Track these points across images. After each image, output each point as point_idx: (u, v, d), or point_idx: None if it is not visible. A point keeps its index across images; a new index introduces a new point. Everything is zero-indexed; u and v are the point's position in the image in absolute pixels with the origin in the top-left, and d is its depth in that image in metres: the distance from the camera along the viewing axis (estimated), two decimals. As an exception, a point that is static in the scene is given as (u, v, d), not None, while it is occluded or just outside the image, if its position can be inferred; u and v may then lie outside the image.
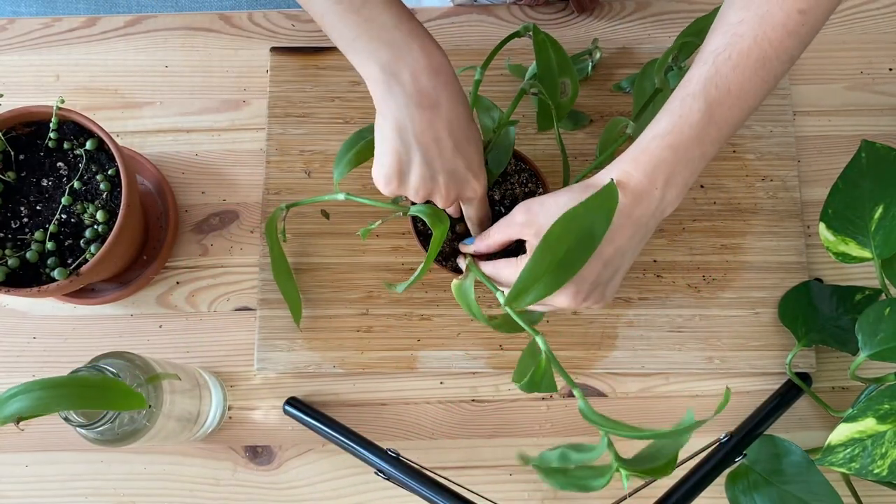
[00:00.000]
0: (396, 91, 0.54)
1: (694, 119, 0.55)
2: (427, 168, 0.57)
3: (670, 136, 0.55)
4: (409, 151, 0.56)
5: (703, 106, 0.55)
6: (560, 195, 0.58)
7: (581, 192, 0.56)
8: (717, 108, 0.55)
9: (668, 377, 0.74)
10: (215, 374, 0.74)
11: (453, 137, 0.56)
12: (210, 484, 0.73)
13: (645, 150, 0.56)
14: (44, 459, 0.73)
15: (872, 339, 0.62)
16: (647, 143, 0.56)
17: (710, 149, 0.56)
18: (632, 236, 0.57)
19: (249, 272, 0.77)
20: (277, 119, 0.79)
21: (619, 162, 0.57)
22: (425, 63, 0.54)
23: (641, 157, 0.56)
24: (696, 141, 0.55)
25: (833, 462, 0.59)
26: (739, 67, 0.54)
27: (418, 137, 0.55)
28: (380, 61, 0.54)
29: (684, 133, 0.55)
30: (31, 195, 0.69)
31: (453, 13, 0.83)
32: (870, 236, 0.67)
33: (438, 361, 0.73)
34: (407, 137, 0.55)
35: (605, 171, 0.57)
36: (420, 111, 0.54)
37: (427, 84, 0.54)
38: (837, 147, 0.79)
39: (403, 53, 0.54)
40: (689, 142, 0.55)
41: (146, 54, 0.82)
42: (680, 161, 0.55)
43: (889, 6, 0.82)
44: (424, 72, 0.54)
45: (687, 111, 0.55)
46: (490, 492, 0.70)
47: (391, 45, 0.54)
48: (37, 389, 0.50)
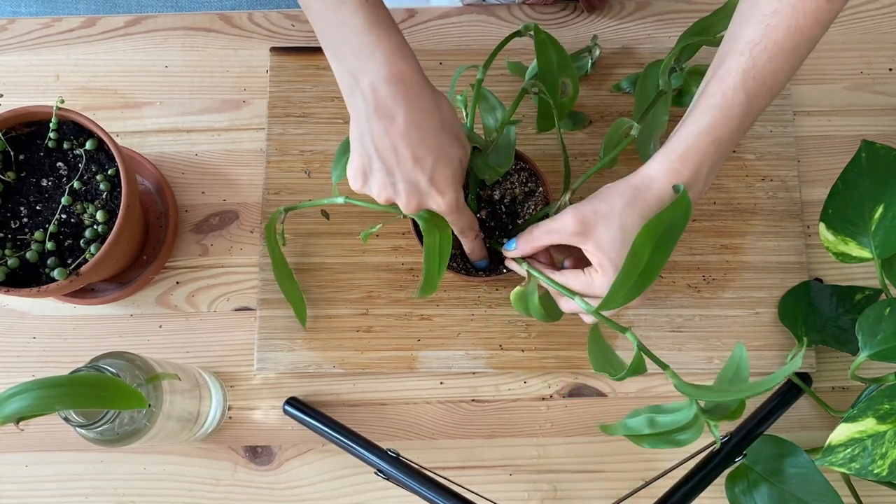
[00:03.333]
0: (357, 98, 0.55)
1: (736, 112, 0.56)
2: (387, 175, 0.57)
3: (715, 131, 0.56)
4: (369, 156, 0.56)
5: (743, 99, 0.56)
6: (612, 200, 0.58)
7: (632, 194, 0.57)
8: (754, 99, 0.56)
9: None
10: (215, 374, 0.74)
11: (411, 149, 0.55)
12: (210, 484, 0.73)
13: (692, 147, 0.57)
14: (44, 459, 0.73)
15: (872, 339, 0.62)
16: (694, 140, 0.57)
17: (740, 136, 0.58)
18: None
19: (249, 272, 0.77)
20: (277, 119, 0.79)
21: (666, 159, 0.57)
22: (386, 73, 0.53)
23: (689, 154, 0.57)
24: (736, 132, 0.57)
25: (833, 462, 0.59)
26: (775, 58, 0.55)
27: (376, 145, 0.55)
28: (346, 66, 0.55)
29: (728, 127, 0.56)
30: (31, 195, 0.69)
31: (454, 13, 0.83)
32: (870, 236, 0.67)
33: (438, 361, 0.73)
34: (367, 143, 0.56)
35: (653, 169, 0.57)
36: (378, 120, 0.54)
37: (385, 94, 0.54)
38: (837, 147, 0.79)
39: (367, 61, 0.54)
40: (731, 134, 0.57)
41: (146, 54, 0.82)
42: (721, 153, 0.57)
43: (889, 6, 0.82)
44: (384, 82, 0.53)
45: (729, 104, 0.56)
46: (490, 492, 0.70)
47: (358, 52, 0.54)
48: (36, 389, 0.50)
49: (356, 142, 0.57)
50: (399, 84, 0.54)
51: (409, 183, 0.57)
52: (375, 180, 0.57)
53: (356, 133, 0.56)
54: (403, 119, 0.54)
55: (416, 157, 0.56)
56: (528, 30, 0.66)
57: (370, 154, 0.56)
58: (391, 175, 0.57)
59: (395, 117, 0.54)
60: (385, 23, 0.55)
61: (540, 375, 0.74)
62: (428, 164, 0.56)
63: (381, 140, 0.55)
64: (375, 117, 0.54)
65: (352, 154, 0.58)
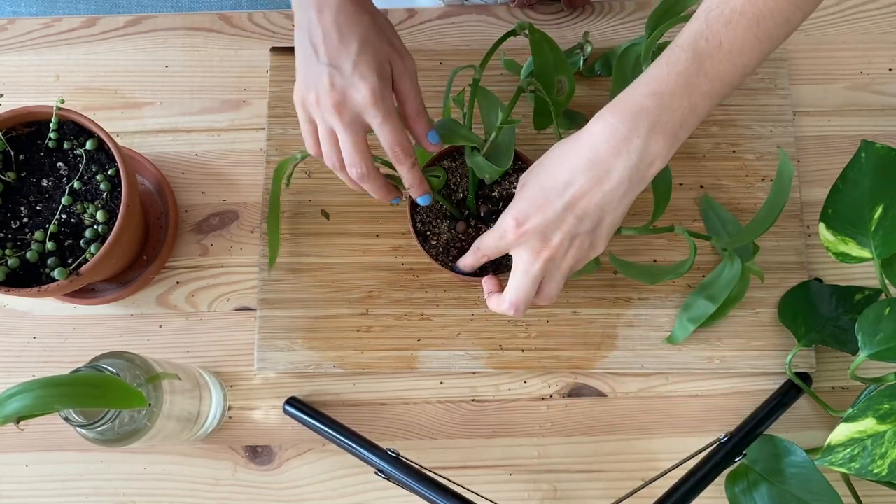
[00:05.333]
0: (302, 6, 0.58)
1: (680, 68, 0.54)
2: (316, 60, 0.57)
3: (654, 84, 0.55)
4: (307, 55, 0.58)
5: (690, 56, 0.54)
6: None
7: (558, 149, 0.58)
8: (706, 59, 0.55)
9: (668, 377, 0.74)
10: (215, 374, 0.74)
11: (339, 30, 0.57)
12: (210, 484, 0.73)
13: (625, 98, 0.55)
14: (44, 459, 0.73)
15: (872, 339, 0.62)
16: (629, 91, 0.56)
17: (700, 101, 0.55)
18: (611, 189, 0.56)
19: (249, 272, 0.77)
20: (277, 119, 0.79)
21: (601, 112, 0.56)
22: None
23: (622, 105, 0.55)
24: (683, 89, 0.55)
25: (833, 462, 0.59)
26: (732, 23, 0.54)
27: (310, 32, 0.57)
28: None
29: (670, 80, 0.55)
30: (32, 195, 0.69)
31: (453, 13, 0.83)
32: (870, 236, 0.67)
33: (438, 361, 0.73)
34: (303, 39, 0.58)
35: (590, 122, 0.57)
36: (315, 11, 0.57)
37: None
38: (837, 147, 0.79)
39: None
40: (676, 89, 0.54)
41: (146, 54, 0.82)
42: (665, 109, 0.55)
43: (889, 6, 0.82)
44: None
45: (674, 60, 0.55)
46: (490, 492, 0.70)
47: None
48: (37, 388, 0.50)
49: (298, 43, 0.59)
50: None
51: (333, 66, 0.57)
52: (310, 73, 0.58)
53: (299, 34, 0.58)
54: (335, 7, 0.56)
55: (342, 38, 0.57)
56: (523, 28, 0.66)
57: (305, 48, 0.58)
58: (318, 58, 0.57)
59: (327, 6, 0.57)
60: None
61: (540, 375, 0.74)
62: (353, 48, 0.57)
63: (315, 28, 0.57)
64: (314, 10, 0.57)
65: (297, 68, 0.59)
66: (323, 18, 0.57)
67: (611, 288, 0.75)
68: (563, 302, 0.74)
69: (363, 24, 0.57)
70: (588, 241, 0.58)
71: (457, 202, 0.70)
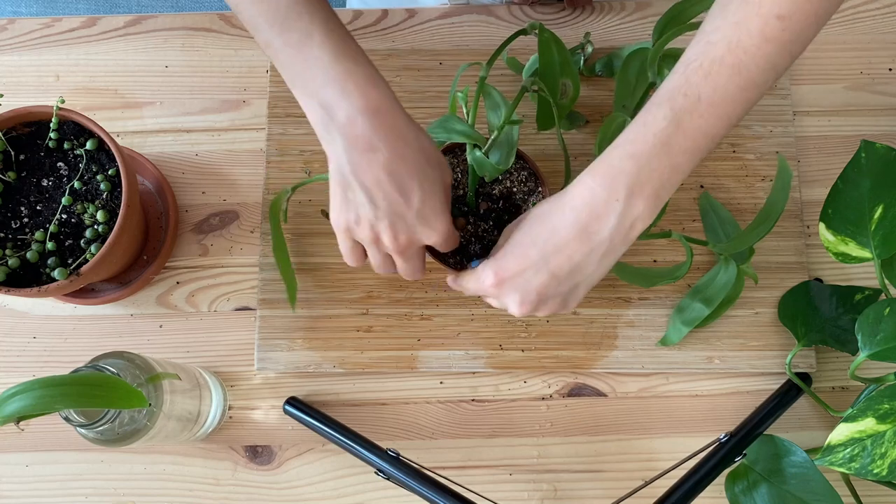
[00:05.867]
0: (335, 133, 0.53)
1: (658, 127, 0.53)
2: (371, 212, 0.55)
3: (630, 146, 0.53)
4: (353, 192, 0.54)
5: (668, 114, 0.53)
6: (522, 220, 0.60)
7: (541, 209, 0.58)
8: (684, 115, 0.53)
9: (668, 377, 0.74)
10: (215, 374, 0.74)
11: (395, 181, 0.53)
12: (210, 484, 0.73)
13: (604, 161, 0.54)
14: (44, 459, 0.73)
15: (872, 339, 0.62)
16: (609, 154, 0.54)
17: (681, 159, 0.53)
18: (590, 252, 0.55)
19: (249, 272, 0.77)
20: (277, 119, 0.79)
21: (583, 174, 0.55)
22: (361, 104, 0.52)
23: (601, 169, 0.54)
24: (662, 149, 0.53)
25: (833, 462, 0.59)
26: (712, 75, 0.52)
27: (359, 179, 0.53)
28: (319, 102, 0.53)
29: (648, 142, 0.53)
30: (32, 195, 0.69)
31: (453, 13, 0.83)
32: (870, 236, 0.67)
33: (438, 361, 0.73)
34: (348, 179, 0.54)
35: (573, 183, 0.56)
36: (358, 154, 0.53)
37: (363, 127, 0.52)
38: (837, 147, 0.79)
39: (339, 94, 0.52)
40: (654, 150, 0.53)
41: (146, 54, 0.82)
42: (643, 171, 0.53)
43: (889, 6, 0.82)
44: (360, 114, 0.52)
45: (651, 119, 0.53)
46: (490, 492, 0.70)
47: (329, 85, 0.52)
48: (37, 388, 0.50)
49: (336, 180, 0.55)
50: (376, 115, 0.52)
51: (395, 216, 0.55)
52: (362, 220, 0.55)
53: (336, 172, 0.54)
54: (386, 152, 0.52)
55: (402, 190, 0.54)
56: (534, 28, 0.66)
57: (353, 190, 0.54)
58: (376, 211, 0.55)
59: (376, 150, 0.52)
60: (353, 53, 0.53)
61: (540, 375, 0.74)
62: (415, 196, 0.54)
63: (365, 175, 0.53)
64: (356, 151, 0.53)
65: (332, 197, 0.56)
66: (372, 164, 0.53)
67: (611, 288, 0.75)
68: (563, 302, 0.74)
69: (417, 162, 0.54)
70: (561, 300, 0.59)
71: (456, 198, 0.70)
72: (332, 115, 0.52)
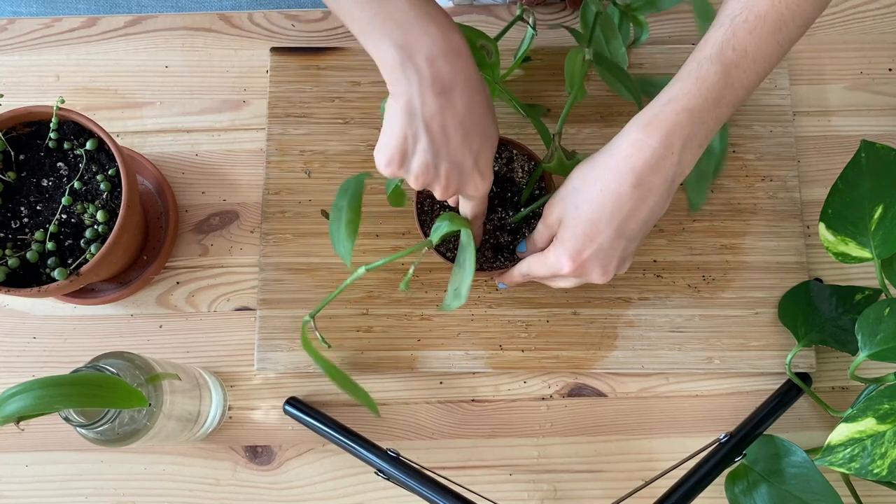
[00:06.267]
0: (411, 73, 0.52)
1: (711, 82, 0.55)
2: (431, 155, 0.55)
3: (686, 99, 0.55)
4: (415, 135, 0.54)
5: (719, 69, 0.55)
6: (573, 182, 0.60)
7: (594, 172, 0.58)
8: (733, 70, 0.55)
9: (668, 377, 0.74)
10: (215, 374, 0.74)
11: (463, 128, 0.54)
12: (210, 484, 0.73)
13: (659, 116, 0.56)
14: (44, 459, 0.73)
15: (872, 339, 0.62)
16: (661, 108, 0.56)
17: (725, 111, 0.56)
18: (653, 206, 0.57)
19: (249, 272, 0.77)
20: (277, 119, 0.79)
21: (631, 129, 0.57)
22: (443, 46, 0.51)
23: (656, 123, 0.56)
24: (713, 104, 0.55)
25: (833, 462, 0.59)
26: (756, 30, 0.55)
27: (427, 122, 0.53)
28: (395, 43, 0.52)
29: (701, 96, 0.55)
30: (32, 195, 0.69)
31: (454, 13, 0.83)
32: (869, 236, 0.67)
33: (438, 361, 0.73)
34: (415, 121, 0.53)
35: (620, 139, 0.57)
36: (433, 96, 0.52)
37: (443, 67, 0.52)
38: (837, 147, 0.79)
39: (420, 35, 0.51)
40: (706, 104, 0.55)
41: (146, 54, 0.82)
42: (696, 124, 0.55)
43: (889, 6, 0.82)
44: (442, 55, 0.51)
45: (704, 74, 0.55)
46: (490, 492, 0.70)
47: (407, 27, 0.51)
48: (37, 388, 0.50)
49: (399, 122, 0.54)
50: (457, 59, 0.52)
51: (454, 164, 0.55)
52: (417, 161, 0.55)
53: (403, 110, 0.53)
54: (460, 96, 0.53)
55: (466, 137, 0.54)
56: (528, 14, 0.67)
57: (417, 133, 0.54)
58: (437, 156, 0.55)
59: (452, 92, 0.52)
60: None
61: (540, 375, 0.74)
62: (476, 144, 0.55)
63: (435, 117, 0.53)
64: (431, 94, 0.52)
65: (388, 137, 0.55)
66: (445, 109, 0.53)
67: (611, 288, 0.75)
68: (563, 302, 0.74)
69: (484, 108, 0.55)
70: (632, 254, 0.62)
71: None
72: (410, 54, 0.52)
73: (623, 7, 0.74)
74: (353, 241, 0.62)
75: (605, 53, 0.73)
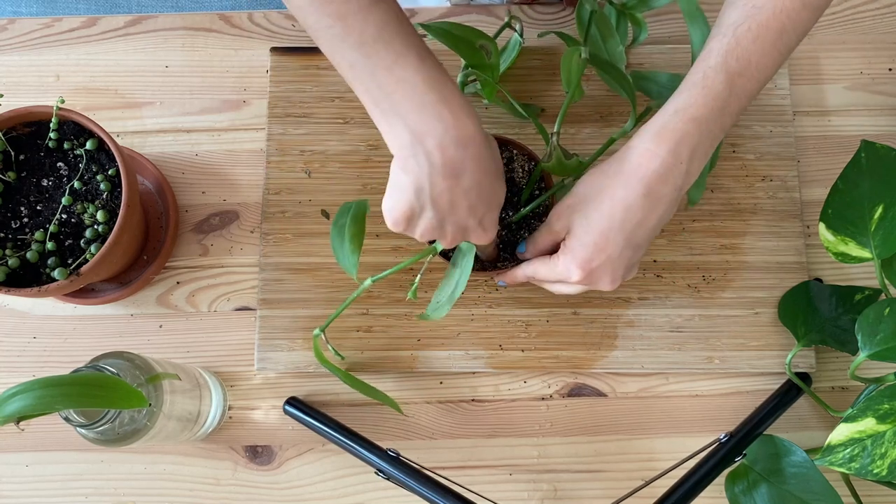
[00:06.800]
0: (421, 158, 0.52)
1: (717, 91, 0.56)
2: (437, 221, 0.56)
3: (693, 109, 0.56)
4: (422, 208, 0.55)
5: (724, 78, 0.56)
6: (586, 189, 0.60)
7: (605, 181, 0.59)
8: (738, 79, 0.56)
9: (668, 377, 0.74)
10: (215, 374, 0.74)
11: (468, 200, 0.55)
12: (210, 484, 0.73)
13: (667, 126, 0.56)
14: (44, 459, 0.73)
15: (872, 339, 0.62)
16: (670, 118, 0.56)
17: (728, 120, 0.57)
18: (662, 215, 0.58)
19: (249, 272, 0.77)
20: (277, 119, 0.79)
21: (640, 140, 0.57)
22: (455, 134, 0.52)
23: (665, 134, 0.56)
24: (718, 113, 0.56)
25: (833, 462, 0.59)
26: (759, 39, 0.56)
27: (435, 200, 0.54)
28: (408, 126, 0.52)
29: (707, 105, 0.56)
30: (32, 195, 0.69)
31: (454, 13, 0.83)
32: (869, 236, 0.67)
33: (438, 361, 0.73)
34: (423, 197, 0.54)
35: (630, 151, 0.57)
36: (442, 180, 0.53)
37: (454, 155, 0.52)
38: (837, 147, 0.79)
39: (433, 121, 0.52)
40: (712, 114, 0.56)
41: (146, 54, 0.82)
42: (703, 133, 0.56)
43: (889, 6, 0.82)
44: (453, 143, 0.52)
45: (710, 83, 0.56)
46: (490, 492, 0.70)
47: (421, 111, 0.52)
48: (37, 388, 0.50)
49: (407, 196, 0.54)
50: (468, 145, 0.52)
51: (459, 227, 0.57)
52: (423, 225, 0.56)
53: (411, 187, 0.54)
54: (469, 179, 0.54)
55: (472, 208, 0.56)
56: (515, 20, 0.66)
57: (424, 206, 0.55)
58: (442, 222, 0.56)
59: (460, 177, 0.53)
60: (445, 79, 0.53)
61: (540, 375, 0.74)
62: (481, 211, 0.56)
63: (443, 196, 0.54)
64: (440, 178, 0.53)
65: (396, 202, 0.55)
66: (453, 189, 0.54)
67: (611, 288, 0.75)
68: (563, 302, 0.74)
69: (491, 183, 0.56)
70: (638, 259, 0.62)
71: None
72: (422, 140, 0.52)
73: (619, 6, 0.74)
74: (358, 255, 0.63)
75: (602, 53, 0.73)
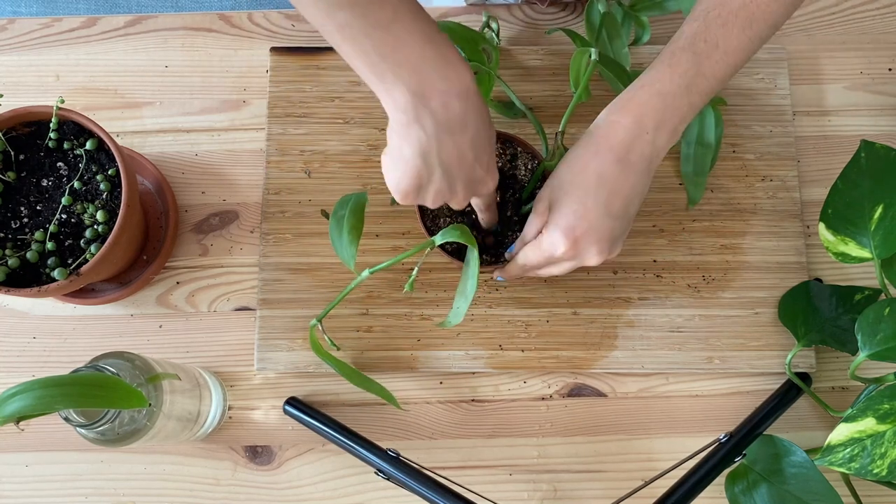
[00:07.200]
0: (425, 117, 0.52)
1: (682, 69, 0.59)
2: (447, 182, 0.56)
3: (658, 84, 0.59)
4: (430, 172, 0.55)
5: (690, 57, 0.59)
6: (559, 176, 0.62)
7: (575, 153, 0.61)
8: (704, 60, 0.59)
9: (668, 377, 0.74)
10: (215, 374, 0.74)
11: (475, 151, 0.55)
12: (210, 484, 0.73)
13: (633, 99, 0.60)
14: (44, 459, 0.73)
15: (872, 339, 0.62)
16: (635, 92, 0.60)
17: (697, 99, 0.60)
18: (634, 184, 0.60)
19: (249, 272, 0.77)
20: (277, 119, 0.79)
21: (606, 112, 0.61)
22: (458, 88, 0.52)
23: (630, 106, 0.59)
24: (684, 90, 0.59)
25: (833, 462, 0.59)
26: (728, 25, 0.58)
27: (443, 159, 0.54)
28: (409, 89, 0.51)
29: (673, 81, 0.59)
30: (32, 195, 0.69)
31: (455, 13, 0.83)
32: (869, 236, 0.67)
33: (438, 361, 0.73)
34: (431, 160, 0.54)
35: (595, 123, 0.60)
36: (448, 136, 0.53)
37: (458, 109, 0.52)
38: (837, 147, 0.79)
39: (435, 78, 0.51)
40: (678, 90, 0.59)
41: (146, 54, 0.82)
42: (668, 107, 0.59)
43: (889, 6, 0.82)
44: (456, 97, 0.52)
45: (676, 61, 0.59)
46: (490, 492, 0.70)
47: (420, 70, 0.51)
48: (37, 388, 0.50)
49: (413, 163, 0.54)
50: (469, 97, 0.53)
51: (469, 181, 0.58)
52: (433, 190, 0.57)
53: (416, 153, 0.54)
54: (472, 129, 0.54)
55: (477, 156, 0.56)
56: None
57: (432, 169, 0.55)
58: (451, 181, 0.56)
59: (466, 128, 0.54)
60: (440, 35, 0.52)
61: (540, 375, 0.74)
62: (484, 157, 0.57)
63: (451, 153, 0.54)
64: (447, 134, 0.53)
65: (402, 174, 0.55)
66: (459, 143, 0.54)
67: (611, 288, 0.75)
68: (563, 302, 0.74)
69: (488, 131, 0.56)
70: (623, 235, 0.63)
71: None
72: (425, 99, 0.51)
73: (627, 7, 0.74)
74: (357, 246, 0.63)
75: (609, 53, 0.73)
